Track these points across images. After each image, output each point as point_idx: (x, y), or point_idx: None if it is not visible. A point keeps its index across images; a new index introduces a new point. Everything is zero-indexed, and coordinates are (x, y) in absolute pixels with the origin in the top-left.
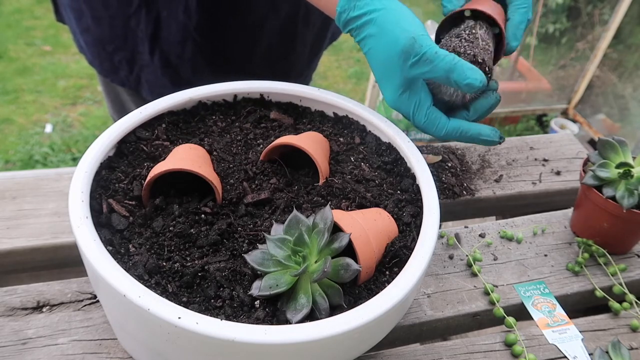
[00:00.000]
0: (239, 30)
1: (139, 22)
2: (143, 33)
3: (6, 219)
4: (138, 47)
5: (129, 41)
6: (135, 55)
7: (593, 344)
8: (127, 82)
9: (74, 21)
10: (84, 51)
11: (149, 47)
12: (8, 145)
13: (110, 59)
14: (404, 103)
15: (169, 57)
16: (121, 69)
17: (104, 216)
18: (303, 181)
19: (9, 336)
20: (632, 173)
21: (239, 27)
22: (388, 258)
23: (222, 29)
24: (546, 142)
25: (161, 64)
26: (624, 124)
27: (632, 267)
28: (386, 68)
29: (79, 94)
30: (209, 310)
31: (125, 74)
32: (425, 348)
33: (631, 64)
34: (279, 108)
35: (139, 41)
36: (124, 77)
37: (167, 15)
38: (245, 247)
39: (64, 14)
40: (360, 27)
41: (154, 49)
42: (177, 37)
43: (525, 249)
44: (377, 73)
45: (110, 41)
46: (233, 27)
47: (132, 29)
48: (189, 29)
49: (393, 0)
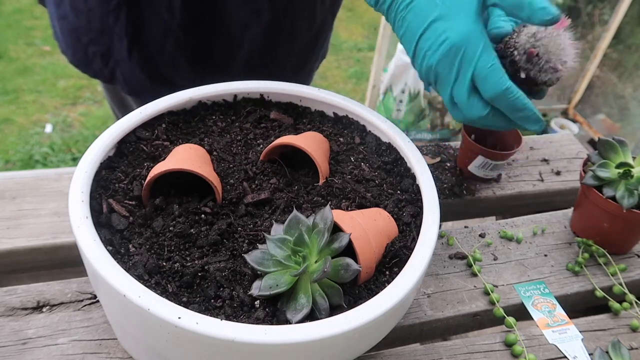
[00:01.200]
0: (220, 33)
1: (117, 19)
2: (121, 30)
3: (6, 219)
4: (114, 43)
5: (105, 36)
6: (110, 51)
7: (593, 344)
8: (100, 75)
9: (53, 7)
10: (57, 38)
11: (127, 44)
12: (8, 145)
13: (85, 50)
14: (477, 35)
15: (149, 54)
16: (95, 62)
17: (104, 216)
18: (303, 181)
19: (9, 336)
20: (632, 173)
21: (220, 29)
22: (388, 258)
23: (204, 29)
24: (546, 142)
25: (140, 60)
26: (624, 124)
27: (632, 267)
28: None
29: (79, 94)
30: (209, 310)
31: (99, 66)
32: (425, 348)
33: (631, 64)
34: (279, 108)
35: (116, 37)
36: (97, 69)
37: (149, 14)
38: (245, 247)
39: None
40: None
41: (132, 46)
42: (158, 34)
43: (525, 249)
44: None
45: (86, 33)
46: (215, 29)
47: (110, 26)
48: (171, 27)
49: None
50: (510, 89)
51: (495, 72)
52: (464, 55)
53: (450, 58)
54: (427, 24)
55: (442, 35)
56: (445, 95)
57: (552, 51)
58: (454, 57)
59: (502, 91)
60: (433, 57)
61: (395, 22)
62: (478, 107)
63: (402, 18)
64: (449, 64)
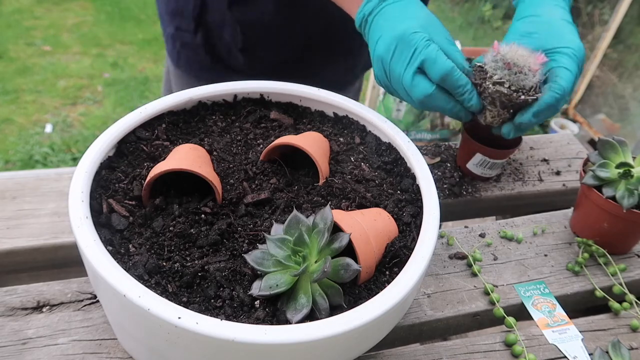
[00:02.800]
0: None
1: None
2: (189, 13)
3: (6, 219)
4: (182, 25)
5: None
6: (178, 32)
7: (593, 344)
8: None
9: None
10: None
11: (193, 27)
12: (8, 145)
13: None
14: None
15: (211, 39)
16: (168, 42)
17: (104, 216)
18: (303, 181)
19: (9, 336)
20: (632, 173)
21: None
22: (388, 258)
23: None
24: (546, 142)
25: (203, 42)
26: (624, 124)
27: (632, 267)
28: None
29: (79, 94)
30: (209, 310)
31: (170, 47)
32: (425, 348)
33: (631, 64)
34: (279, 108)
35: (185, 20)
36: (169, 50)
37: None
38: (245, 247)
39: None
40: None
41: (197, 29)
42: (217, 20)
43: (525, 249)
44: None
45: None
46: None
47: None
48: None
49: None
50: (454, 68)
51: (442, 55)
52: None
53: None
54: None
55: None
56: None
57: (519, 60)
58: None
59: (449, 69)
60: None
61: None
62: (425, 86)
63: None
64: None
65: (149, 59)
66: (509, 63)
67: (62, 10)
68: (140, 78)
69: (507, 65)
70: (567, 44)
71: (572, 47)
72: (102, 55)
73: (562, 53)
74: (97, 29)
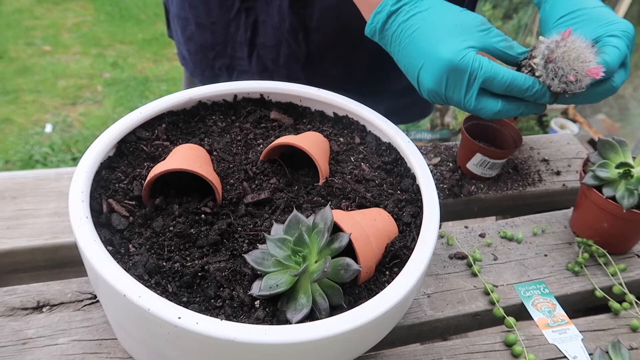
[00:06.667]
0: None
1: (238, 27)
2: (242, 38)
3: (6, 219)
4: (237, 52)
5: (229, 47)
6: (233, 61)
7: (593, 344)
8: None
9: (180, 31)
10: (186, 62)
11: (247, 52)
12: (8, 145)
13: (212, 66)
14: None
15: (265, 62)
16: (221, 76)
17: (104, 216)
18: (303, 181)
19: (9, 336)
20: (632, 173)
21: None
22: (388, 258)
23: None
24: (546, 142)
25: (258, 69)
26: (624, 124)
27: (632, 267)
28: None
29: (79, 94)
30: (209, 310)
31: (225, 80)
32: (425, 348)
33: (631, 64)
34: (279, 108)
35: (238, 46)
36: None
37: (264, 19)
38: (245, 247)
39: (172, 27)
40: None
41: (251, 54)
42: (272, 41)
43: (525, 249)
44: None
45: (212, 48)
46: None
47: (232, 35)
48: (282, 31)
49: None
50: (515, 76)
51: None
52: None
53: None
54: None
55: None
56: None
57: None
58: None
59: (510, 80)
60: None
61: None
62: (492, 106)
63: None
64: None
65: (149, 59)
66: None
67: (62, 10)
68: (140, 78)
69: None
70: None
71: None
72: (102, 55)
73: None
74: (97, 29)
